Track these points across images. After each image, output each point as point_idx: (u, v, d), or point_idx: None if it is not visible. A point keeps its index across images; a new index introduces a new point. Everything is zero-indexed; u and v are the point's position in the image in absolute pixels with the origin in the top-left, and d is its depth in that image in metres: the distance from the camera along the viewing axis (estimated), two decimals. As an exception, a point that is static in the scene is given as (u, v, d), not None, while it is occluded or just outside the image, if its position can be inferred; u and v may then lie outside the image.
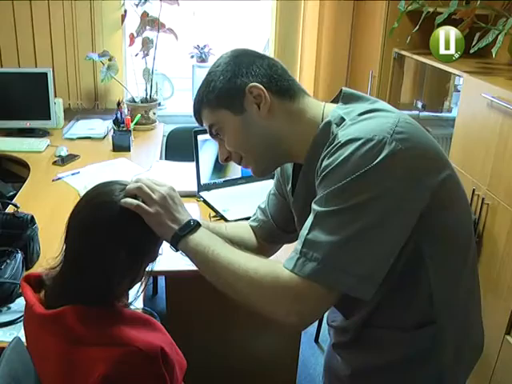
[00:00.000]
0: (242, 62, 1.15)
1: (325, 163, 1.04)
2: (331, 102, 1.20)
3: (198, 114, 1.21)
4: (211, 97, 1.16)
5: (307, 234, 1.02)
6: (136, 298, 1.23)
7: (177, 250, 1.13)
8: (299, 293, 0.99)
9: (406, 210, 1.01)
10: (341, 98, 1.17)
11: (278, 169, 1.37)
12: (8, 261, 1.73)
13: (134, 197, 1.11)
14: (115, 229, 1.09)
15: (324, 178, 1.03)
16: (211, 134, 1.22)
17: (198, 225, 1.13)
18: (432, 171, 1.04)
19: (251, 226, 1.48)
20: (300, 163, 1.20)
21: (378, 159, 0.97)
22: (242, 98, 1.14)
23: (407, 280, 1.09)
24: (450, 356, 1.15)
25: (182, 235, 1.11)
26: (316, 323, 2.97)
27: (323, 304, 1.03)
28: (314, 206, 1.03)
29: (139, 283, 1.21)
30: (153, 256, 1.18)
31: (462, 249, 1.15)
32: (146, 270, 1.19)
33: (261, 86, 1.13)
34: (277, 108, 1.15)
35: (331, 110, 1.14)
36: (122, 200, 1.10)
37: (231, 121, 1.16)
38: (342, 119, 1.09)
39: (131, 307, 1.22)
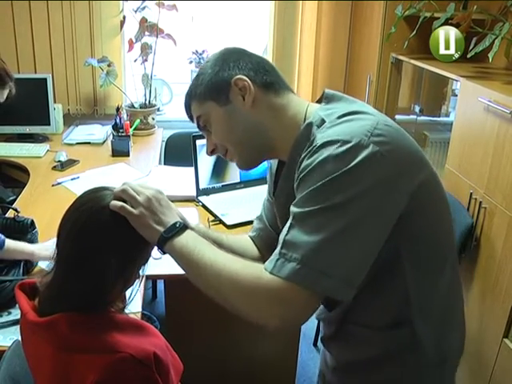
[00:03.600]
0: (231, 57, 1.20)
1: (303, 165, 1.04)
2: (316, 102, 1.22)
3: (187, 107, 1.25)
4: (199, 90, 1.20)
5: (286, 235, 1.01)
6: (129, 302, 1.22)
7: (164, 253, 1.12)
8: (280, 295, 0.98)
9: (383, 212, 1.00)
10: (323, 98, 1.19)
11: (269, 175, 1.37)
12: (10, 266, 1.74)
13: (121, 200, 1.11)
14: (105, 234, 1.09)
15: (302, 180, 1.03)
16: (199, 127, 1.25)
17: (184, 227, 1.12)
18: (410, 174, 1.03)
19: (251, 238, 1.48)
20: (284, 160, 1.21)
21: (355, 161, 0.97)
22: (228, 89, 1.17)
23: (383, 280, 1.10)
24: (430, 355, 1.15)
25: (167, 237, 1.09)
26: (315, 326, 2.97)
27: (305, 308, 1.01)
28: (293, 208, 1.03)
29: (133, 287, 1.20)
30: (144, 258, 1.18)
31: (441, 250, 1.14)
32: (140, 272, 1.19)
33: (246, 78, 1.16)
34: (261, 100, 1.17)
35: (313, 111, 1.15)
36: (110, 203, 1.10)
37: (217, 112, 1.19)
38: (323, 121, 1.09)
39: (126, 311, 1.22)
